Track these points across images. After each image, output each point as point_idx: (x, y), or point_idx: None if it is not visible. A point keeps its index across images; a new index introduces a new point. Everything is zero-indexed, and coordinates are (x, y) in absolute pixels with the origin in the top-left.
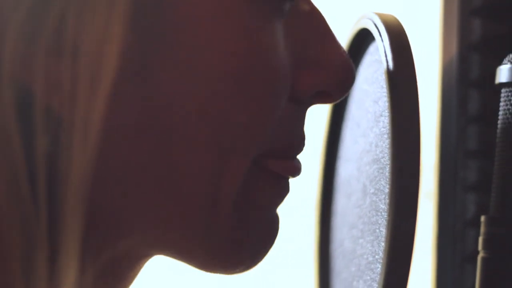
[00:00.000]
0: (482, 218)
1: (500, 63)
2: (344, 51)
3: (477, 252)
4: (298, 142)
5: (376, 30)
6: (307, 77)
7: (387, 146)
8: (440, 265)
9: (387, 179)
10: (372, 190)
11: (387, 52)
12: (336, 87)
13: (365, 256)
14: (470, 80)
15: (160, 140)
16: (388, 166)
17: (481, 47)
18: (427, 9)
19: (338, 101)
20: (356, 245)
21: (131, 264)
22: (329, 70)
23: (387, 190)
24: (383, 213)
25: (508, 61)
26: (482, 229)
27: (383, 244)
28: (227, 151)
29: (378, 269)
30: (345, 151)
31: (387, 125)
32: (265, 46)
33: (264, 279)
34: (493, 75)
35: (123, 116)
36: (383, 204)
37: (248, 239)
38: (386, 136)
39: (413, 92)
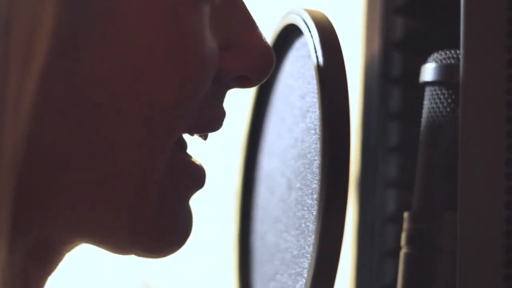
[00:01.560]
0: (405, 214)
1: (422, 61)
2: (264, 37)
3: (397, 248)
4: (218, 119)
5: (305, 26)
6: (229, 61)
7: (314, 142)
8: (359, 260)
9: (314, 174)
10: (297, 185)
11: (316, 48)
12: (256, 72)
13: (289, 250)
14: (392, 78)
15: (89, 116)
16: (316, 161)
17: (403, 45)
18: (351, 6)
19: (256, 85)
20: (279, 239)
21: (56, 249)
22: (250, 55)
23: (314, 185)
24: (310, 208)
25: (433, 60)
26: (405, 225)
27: (310, 238)
28: (155, 130)
29: (304, 263)
30: (268, 145)
31: (314, 120)
32: (193, 28)
33: (182, 268)
34: (414, 73)
35: (53, 91)
36: (309, 199)
37: (171, 225)
38: (313, 131)
39: (343, 89)
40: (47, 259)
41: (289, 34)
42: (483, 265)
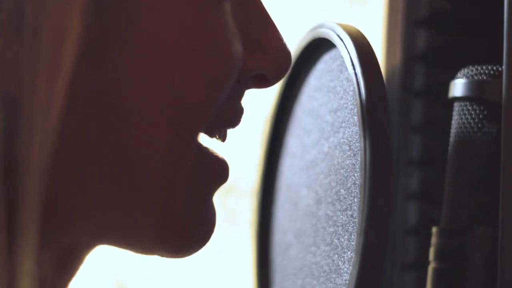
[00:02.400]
0: (434, 229)
1: (444, 74)
2: (282, 37)
3: (418, 261)
4: (237, 115)
5: (339, 40)
6: (248, 60)
7: (349, 158)
8: None
9: (349, 191)
10: (328, 200)
11: (354, 63)
12: (273, 72)
13: (319, 265)
14: (414, 91)
15: (118, 122)
16: (351, 177)
17: (425, 59)
18: (371, 18)
19: (271, 86)
20: (307, 253)
21: (79, 254)
22: (268, 55)
23: (349, 202)
24: (344, 225)
25: (463, 75)
26: (434, 240)
27: (345, 255)
28: (182, 131)
29: (337, 279)
30: (290, 157)
31: (349, 137)
32: (219, 25)
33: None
34: (436, 86)
35: (81, 96)
36: (343, 215)
37: (197, 224)
38: (347, 147)
39: (384, 107)
40: (71, 265)
41: (316, 47)
42: None
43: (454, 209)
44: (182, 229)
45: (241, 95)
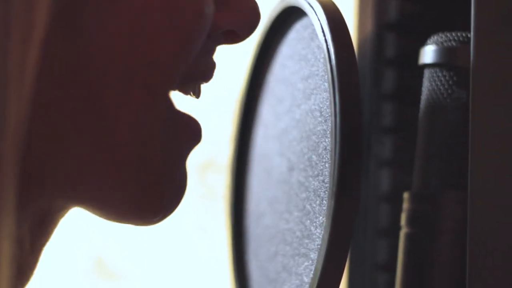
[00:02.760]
0: (405, 194)
1: (415, 43)
2: None
3: (391, 228)
4: (210, 70)
5: (310, 8)
6: (219, 16)
7: (320, 124)
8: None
9: (321, 156)
10: (300, 166)
11: (324, 30)
12: (244, 27)
13: (292, 231)
14: (385, 59)
15: (92, 83)
16: (322, 143)
17: (397, 27)
18: None
19: (242, 41)
20: (280, 220)
21: (55, 217)
22: (239, 11)
23: (320, 167)
24: (316, 190)
25: (433, 42)
26: (405, 205)
27: (317, 220)
28: (153, 87)
29: (309, 244)
30: (263, 126)
31: (320, 103)
32: None
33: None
34: (408, 55)
35: (54, 60)
36: (315, 181)
37: (169, 188)
38: (318, 113)
39: (354, 73)
40: (46, 228)
41: (288, 16)
42: (493, 246)
43: (425, 174)
44: (156, 190)
45: (212, 50)
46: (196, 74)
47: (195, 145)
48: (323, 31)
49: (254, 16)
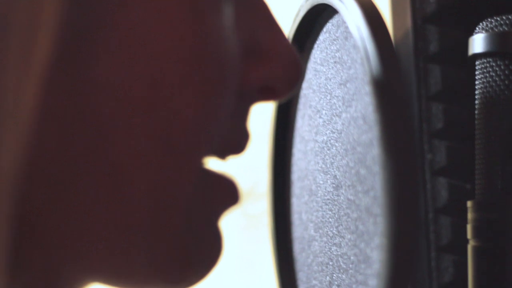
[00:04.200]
0: (469, 203)
1: (462, 32)
2: (291, 45)
3: (454, 242)
4: (242, 140)
5: (341, 4)
6: (253, 69)
7: (365, 132)
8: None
9: (369, 169)
10: (348, 183)
11: (361, 29)
12: (283, 83)
13: (346, 256)
14: (429, 55)
15: (97, 132)
16: (369, 154)
17: (438, 18)
18: None
19: (281, 99)
20: (331, 246)
21: (62, 284)
22: (275, 63)
23: (370, 182)
24: (368, 208)
25: (482, 29)
26: (470, 215)
27: (373, 243)
28: (175, 148)
29: (367, 270)
30: (302, 141)
31: (362, 109)
32: (216, 30)
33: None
34: (452, 46)
35: (57, 104)
36: (366, 198)
37: (198, 252)
38: (361, 121)
39: (397, 73)
40: None
41: (316, 16)
42: None
43: (489, 179)
44: (180, 257)
45: (245, 115)
46: (227, 145)
47: (230, 206)
48: (358, 28)
49: (293, 70)
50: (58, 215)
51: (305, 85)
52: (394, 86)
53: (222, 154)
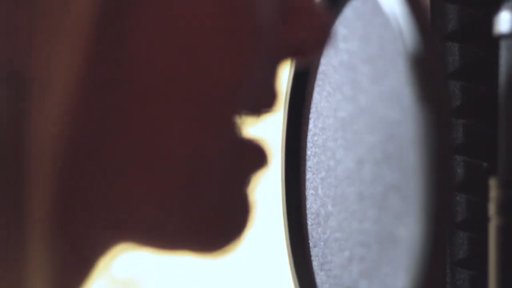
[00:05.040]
0: (492, 181)
1: (483, 11)
2: (319, 5)
3: (469, 219)
4: (274, 98)
5: None
6: (283, 30)
7: (396, 111)
8: None
9: (399, 146)
10: (372, 159)
11: (394, 6)
12: (311, 42)
13: (368, 232)
14: (449, 33)
15: (136, 102)
16: (400, 133)
17: None
18: None
19: (309, 58)
20: (352, 220)
21: (93, 253)
22: (303, 22)
23: (399, 158)
24: (395, 184)
25: (509, 8)
26: (494, 193)
27: (401, 218)
28: (211, 112)
29: (393, 246)
30: (319, 117)
31: (392, 87)
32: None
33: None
34: (473, 26)
35: (95, 72)
36: (393, 174)
37: (231, 218)
38: (390, 99)
39: (438, 53)
40: (84, 267)
41: None
42: None
43: None
44: (214, 223)
45: (274, 72)
46: (258, 102)
47: (261, 170)
48: (392, 5)
49: (322, 29)
50: (96, 181)
51: (324, 61)
52: (433, 64)
53: (253, 113)
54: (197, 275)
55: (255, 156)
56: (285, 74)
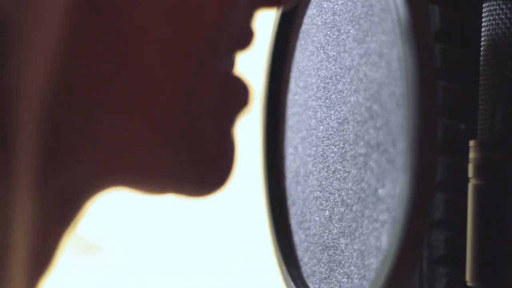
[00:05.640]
0: (471, 143)
1: None
2: None
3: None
4: (251, 36)
5: None
6: None
7: (382, 69)
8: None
9: (384, 106)
10: (357, 118)
11: None
12: None
13: (351, 191)
14: None
15: (124, 44)
16: (386, 90)
17: None
18: None
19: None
20: (333, 180)
21: (82, 200)
22: None
23: (385, 117)
24: (381, 143)
25: None
26: (473, 154)
27: (385, 178)
28: (199, 51)
29: (376, 205)
30: (301, 76)
31: (378, 46)
32: None
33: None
34: None
35: (83, 18)
36: (378, 134)
37: (221, 155)
38: (377, 58)
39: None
40: (71, 213)
41: None
42: None
43: (493, 119)
44: (206, 159)
45: (251, 15)
46: (234, 40)
47: (244, 109)
48: None
49: None
50: (85, 125)
51: (307, 20)
52: (421, 21)
53: (233, 50)
54: (166, 243)
55: (240, 95)
56: (267, 30)
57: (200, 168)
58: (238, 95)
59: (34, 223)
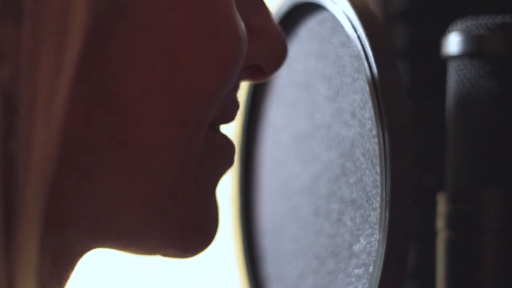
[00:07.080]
0: (440, 196)
1: (431, 31)
2: (277, 25)
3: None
4: (234, 110)
5: (330, 1)
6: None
7: (356, 128)
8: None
9: (358, 163)
10: (330, 174)
11: (355, 26)
12: (270, 61)
13: (325, 246)
14: (397, 52)
15: (123, 114)
16: (358, 149)
17: (407, 15)
18: None
19: (267, 78)
20: (306, 233)
21: (74, 259)
22: (265, 42)
23: (358, 175)
24: (355, 200)
25: (459, 30)
26: (442, 207)
27: (359, 233)
28: (189, 122)
29: (351, 260)
30: (273, 133)
31: (350, 105)
32: (226, 6)
33: None
34: (421, 45)
35: (84, 90)
36: (351, 191)
37: (206, 220)
38: (349, 116)
39: (396, 72)
40: (65, 272)
41: (295, 13)
42: None
43: (460, 173)
44: (192, 223)
45: (237, 87)
46: (223, 113)
47: (228, 169)
48: (352, 26)
49: (282, 49)
50: (83, 192)
51: (278, 80)
52: (393, 83)
53: (217, 123)
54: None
55: (225, 156)
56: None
57: (186, 232)
58: (223, 155)
59: (34, 281)
